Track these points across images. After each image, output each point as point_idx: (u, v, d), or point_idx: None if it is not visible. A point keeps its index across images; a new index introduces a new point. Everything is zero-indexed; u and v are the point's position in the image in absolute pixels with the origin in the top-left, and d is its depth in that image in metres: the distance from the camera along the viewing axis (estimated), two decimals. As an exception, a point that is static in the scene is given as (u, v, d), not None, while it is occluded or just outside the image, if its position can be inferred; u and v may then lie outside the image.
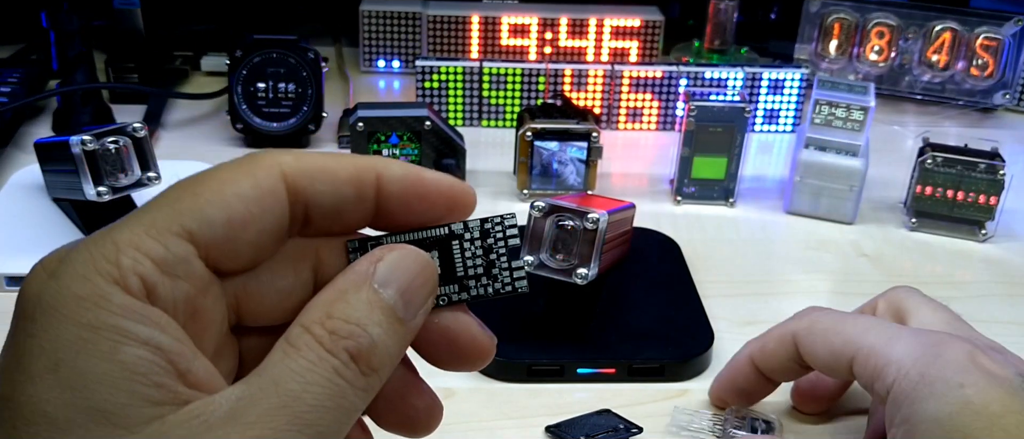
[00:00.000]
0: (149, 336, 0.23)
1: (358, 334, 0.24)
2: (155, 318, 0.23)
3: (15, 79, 0.89)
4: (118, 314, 0.23)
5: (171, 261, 0.24)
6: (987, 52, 0.94)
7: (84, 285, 0.23)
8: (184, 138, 0.87)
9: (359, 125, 0.75)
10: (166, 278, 0.24)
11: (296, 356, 0.24)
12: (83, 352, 0.22)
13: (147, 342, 0.23)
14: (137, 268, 0.23)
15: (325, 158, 0.27)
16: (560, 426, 0.51)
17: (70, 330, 0.22)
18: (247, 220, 0.25)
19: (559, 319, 0.57)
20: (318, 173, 0.27)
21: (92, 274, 0.23)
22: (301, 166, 0.26)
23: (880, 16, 0.95)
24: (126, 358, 0.22)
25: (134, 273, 0.23)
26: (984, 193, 0.72)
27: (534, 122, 0.74)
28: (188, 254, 0.24)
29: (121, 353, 0.22)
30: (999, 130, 0.96)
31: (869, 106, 0.73)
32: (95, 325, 0.22)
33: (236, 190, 0.25)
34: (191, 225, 0.24)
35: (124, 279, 0.23)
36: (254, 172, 0.26)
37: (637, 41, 1.00)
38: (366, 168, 0.27)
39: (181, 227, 0.24)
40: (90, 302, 0.23)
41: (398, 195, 0.28)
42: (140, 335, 0.23)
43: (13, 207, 0.68)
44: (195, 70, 1.02)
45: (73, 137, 0.58)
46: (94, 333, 0.22)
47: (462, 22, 0.99)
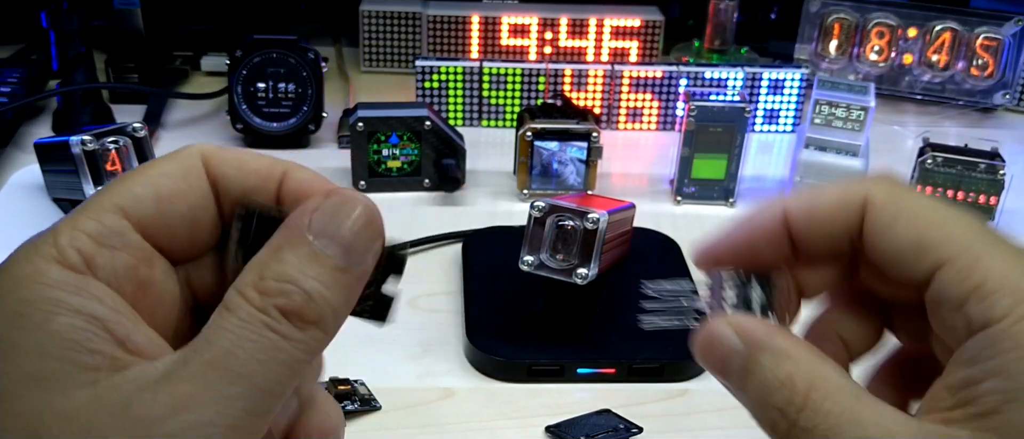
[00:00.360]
0: (82, 305, 0.24)
1: (289, 291, 0.24)
2: (91, 289, 0.24)
3: (15, 79, 0.89)
4: (53, 286, 0.24)
5: (105, 233, 0.25)
6: (987, 52, 0.94)
7: (25, 266, 0.24)
8: (184, 138, 0.87)
9: (359, 125, 0.75)
10: (103, 249, 0.25)
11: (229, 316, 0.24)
12: (17, 326, 0.23)
13: (80, 311, 0.24)
14: (74, 243, 0.25)
15: (243, 151, 0.29)
16: (560, 426, 0.51)
17: (7, 307, 0.24)
18: (174, 195, 0.27)
19: (559, 319, 0.57)
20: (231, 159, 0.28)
21: (33, 255, 0.24)
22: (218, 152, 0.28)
23: (880, 16, 0.95)
24: (58, 327, 0.23)
25: (72, 247, 0.25)
26: (984, 193, 0.72)
27: (534, 122, 0.74)
28: (122, 227, 0.26)
29: (54, 323, 0.23)
30: (999, 130, 0.96)
31: (869, 106, 0.73)
32: (30, 299, 0.24)
33: (161, 170, 0.27)
34: (122, 202, 0.26)
35: (62, 255, 0.24)
36: (177, 155, 0.28)
37: (637, 41, 1.00)
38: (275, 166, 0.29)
39: (113, 205, 0.26)
40: (29, 279, 0.24)
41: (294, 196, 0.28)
42: (73, 304, 0.24)
43: (13, 207, 0.68)
44: (195, 70, 1.02)
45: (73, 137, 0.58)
46: (28, 306, 0.23)
47: (462, 22, 0.99)
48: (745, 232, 0.31)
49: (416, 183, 0.77)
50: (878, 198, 0.29)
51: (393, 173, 0.77)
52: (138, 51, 0.94)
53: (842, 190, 0.30)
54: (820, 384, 0.26)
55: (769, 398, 0.26)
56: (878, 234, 0.28)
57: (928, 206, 0.28)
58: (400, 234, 0.33)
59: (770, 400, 0.26)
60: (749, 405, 0.28)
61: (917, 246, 0.27)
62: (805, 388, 0.26)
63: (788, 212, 0.30)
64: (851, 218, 0.29)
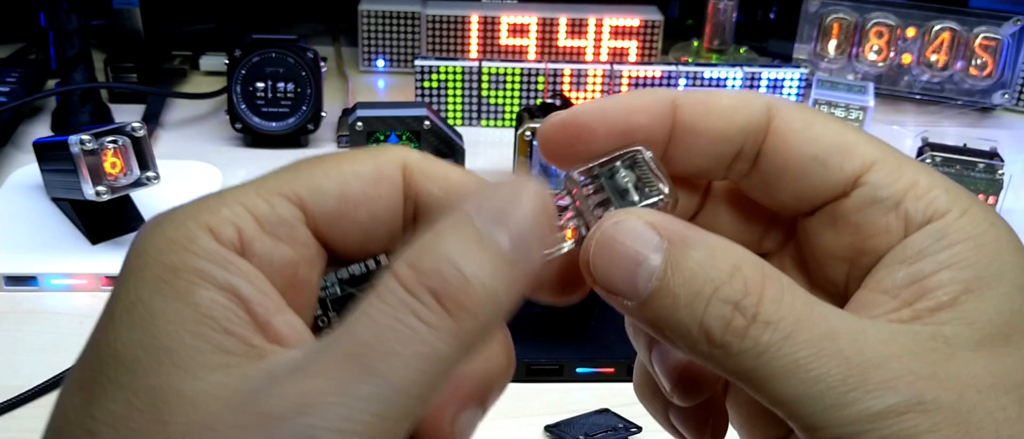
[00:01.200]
0: (227, 281, 0.22)
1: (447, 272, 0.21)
2: (240, 266, 0.22)
3: (14, 79, 0.89)
4: (201, 256, 0.22)
5: (273, 220, 0.23)
6: (986, 52, 0.94)
7: (178, 229, 0.22)
8: (183, 138, 0.87)
9: (358, 124, 0.75)
10: (266, 236, 0.23)
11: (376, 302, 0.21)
12: (158, 292, 0.22)
13: (226, 287, 0.22)
14: (236, 220, 0.23)
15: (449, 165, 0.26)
16: (559, 425, 0.51)
17: (152, 271, 0.22)
18: (360, 199, 0.24)
19: (558, 318, 0.57)
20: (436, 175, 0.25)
21: (188, 220, 0.23)
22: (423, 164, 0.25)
23: (879, 16, 0.96)
24: (199, 300, 0.21)
25: (231, 223, 0.23)
26: (983, 192, 0.72)
27: (533, 122, 0.74)
28: (293, 218, 0.24)
29: (195, 295, 0.21)
30: (998, 130, 0.96)
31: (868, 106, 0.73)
32: (176, 266, 0.22)
33: (355, 168, 0.24)
34: (302, 192, 0.24)
35: (218, 227, 0.22)
36: (376, 155, 0.25)
37: (636, 41, 1.00)
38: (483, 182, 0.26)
39: (292, 191, 0.24)
40: (178, 244, 0.22)
41: None
42: (219, 279, 0.22)
43: (12, 207, 0.68)
44: (194, 70, 1.02)
45: (72, 137, 0.58)
46: (173, 274, 0.22)
47: (461, 22, 0.99)
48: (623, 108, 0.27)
49: (415, 183, 0.77)
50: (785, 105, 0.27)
51: (392, 173, 0.77)
52: (137, 51, 0.94)
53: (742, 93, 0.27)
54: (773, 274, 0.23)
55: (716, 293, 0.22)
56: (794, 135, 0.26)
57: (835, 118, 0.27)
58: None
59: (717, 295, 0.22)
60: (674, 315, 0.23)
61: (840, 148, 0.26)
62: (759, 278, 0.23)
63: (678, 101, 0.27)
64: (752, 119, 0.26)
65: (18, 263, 0.62)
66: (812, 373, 0.22)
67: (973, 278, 0.23)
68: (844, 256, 0.26)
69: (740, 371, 0.23)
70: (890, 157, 0.26)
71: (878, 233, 0.25)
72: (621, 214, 0.24)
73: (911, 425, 0.22)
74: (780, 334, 0.22)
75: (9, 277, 0.62)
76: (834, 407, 0.22)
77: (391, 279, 0.21)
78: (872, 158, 0.25)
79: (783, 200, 0.26)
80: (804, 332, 0.22)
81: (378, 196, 0.25)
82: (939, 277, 0.24)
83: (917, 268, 0.24)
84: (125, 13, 0.92)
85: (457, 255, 0.21)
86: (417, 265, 0.21)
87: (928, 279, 0.24)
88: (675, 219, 0.24)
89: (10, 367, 0.55)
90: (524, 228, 0.22)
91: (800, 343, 0.22)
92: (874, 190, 0.25)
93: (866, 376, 0.22)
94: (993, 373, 0.23)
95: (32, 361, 0.56)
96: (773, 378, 0.22)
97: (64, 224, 0.66)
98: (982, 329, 0.23)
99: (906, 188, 0.25)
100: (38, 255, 0.63)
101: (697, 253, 0.23)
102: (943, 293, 0.23)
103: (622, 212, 0.25)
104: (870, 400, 0.22)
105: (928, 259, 0.24)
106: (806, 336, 0.22)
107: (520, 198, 0.22)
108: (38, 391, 0.53)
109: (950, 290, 0.23)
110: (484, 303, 0.21)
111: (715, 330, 0.22)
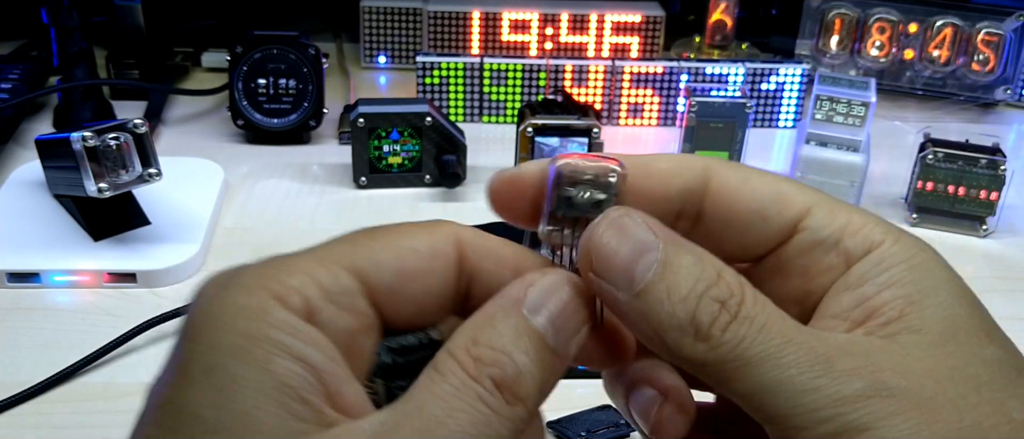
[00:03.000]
0: (303, 352, 0.23)
1: (503, 362, 0.24)
2: (312, 336, 0.23)
3: (16, 75, 0.89)
4: (276, 327, 0.23)
5: (337, 291, 0.25)
6: (988, 47, 0.93)
7: (249, 297, 0.23)
8: (185, 134, 0.87)
9: (360, 121, 0.75)
10: (330, 305, 0.24)
11: (441, 382, 0.23)
12: (237, 358, 0.23)
13: (300, 357, 0.23)
14: (303, 289, 0.24)
15: (500, 242, 0.28)
16: (561, 422, 0.51)
17: (228, 337, 0.23)
18: (416, 273, 0.26)
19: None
20: (488, 252, 0.27)
21: (257, 288, 0.24)
22: (476, 241, 0.27)
23: (881, 11, 0.95)
24: (278, 369, 0.22)
25: (299, 293, 0.24)
26: (985, 188, 0.72)
27: (535, 118, 0.74)
28: (354, 289, 0.25)
29: (274, 363, 0.23)
30: (1000, 125, 0.96)
31: (870, 102, 0.73)
32: (253, 334, 0.23)
33: (411, 244, 0.26)
34: (362, 264, 0.25)
35: (286, 296, 0.24)
36: (431, 231, 0.27)
37: (638, 37, 1.00)
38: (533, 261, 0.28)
39: (352, 264, 0.25)
40: (251, 312, 0.23)
41: None
42: (294, 349, 0.23)
43: (14, 204, 0.68)
44: (196, 66, 1.02)
45: (74, 133, 0.58)
46: (250, 342, 0.23)
47: (463, 18, 0.99)
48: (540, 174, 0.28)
49: (417, 179, 0.77)
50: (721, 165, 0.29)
51: (394, 169, 0.77)
52: (139, 47, 0.94)
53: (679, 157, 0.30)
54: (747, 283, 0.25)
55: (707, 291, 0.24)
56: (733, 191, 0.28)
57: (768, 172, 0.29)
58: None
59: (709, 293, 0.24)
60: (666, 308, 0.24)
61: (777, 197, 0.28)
62: (738, 283, 0.25)
63: None
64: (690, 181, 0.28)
65: (20, 260, 0.62)
66: (783, 360, 0.24)
67: (913, 292, 0.26)
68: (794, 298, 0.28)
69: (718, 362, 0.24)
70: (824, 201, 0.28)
71: (822, 272, 0.27)
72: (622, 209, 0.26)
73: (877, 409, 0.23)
74: (756, 327, 0.24)
75: (11, 274, 0.62)
76: (803, 392, 0.23)
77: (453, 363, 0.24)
78: (807, 204, 0.28)
79: (730, 251, 0.28)
80: (776, 327, 0.24)
81: (432, 271, 0.26)
82: (882, 296, 0.26)
83: (861, 292, 0.26)
84: (127, 10, 0.92)
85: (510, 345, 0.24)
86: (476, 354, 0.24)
87: (873, 300, 0.26)
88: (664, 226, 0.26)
89: (12, 364, 0.55)
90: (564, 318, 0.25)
91: (773, 334, 0.24)
92: (813, 234, 0.28)
93: (832, 364, 0.24)
94: (947, 366, 0.24)
95: (34, 358, 0.56)
96: (748, 366, 0.24)
97: (66, 221, 0.66)
98: (929, 333, 0.25)
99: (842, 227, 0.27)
100: (40, 252, 0.63)
101: (689, 256, 0.25)
102: (889, 309, 0.26)
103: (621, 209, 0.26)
104: (837, 385, 0.23)
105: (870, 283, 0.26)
106: (778, 328, 0.24)
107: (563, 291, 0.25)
108: (40, 388, 0.53)
109: (895, 305, 0.26)
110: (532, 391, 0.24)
111: (704, 324, 0.24)
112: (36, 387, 0.53)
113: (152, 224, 0.66)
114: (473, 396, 0.23)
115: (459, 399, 0.23)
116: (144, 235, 0.65)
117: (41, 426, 0.52)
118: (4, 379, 0.54)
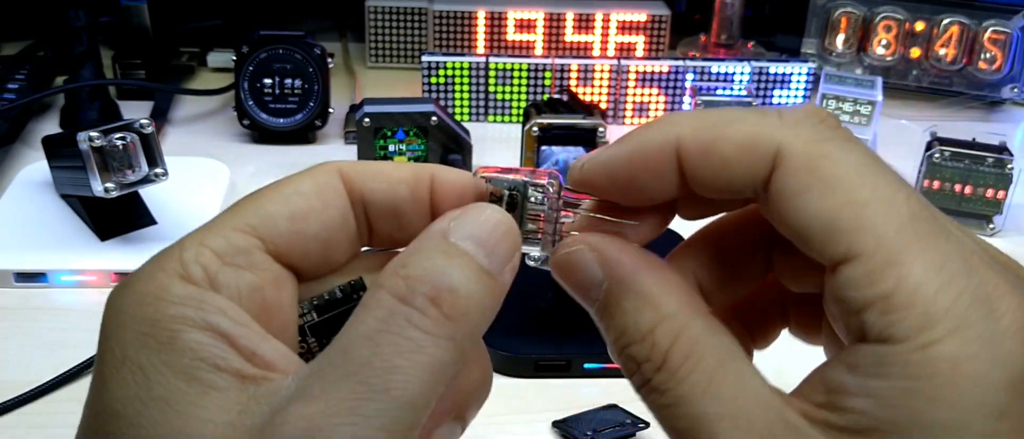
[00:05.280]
0: (208, 320, 0.23)
1: (436, 277, 0.23)
2: (215, 303, 0.23)
3: (22, 76, 0.89)
4: (177, 303, 0.23)
5: (231, 251, 0.24)
6: (995, 46, 0.93)
7: (149, 283, 0.23)
8: (191, 134, 0.88)
9: (365, 121, 0.75)
10: (228, 268, 0.24)
11: (366, 317, 0.22)
12: (143, 346, 0.22)
13: (206, 327, 0.22)
14: (198, 258, 0.24)
15: (381, 163, 0.27)
16: (567, 421, 0.51)
17: (131, 328, 0.23)
18: (308, 213, 0.25)
19: (566, 314, 0.57)
20: (373, 173, 0.27)
21: (156, 272, 0.23)
22: (358, 167, 0.27)
23: (887, 10, 0.95)
24: (184, 344, 0.22)
25: (196, 262, 0.23)
26: (992, 187, 0.72)
27: (541, 117, 0.74)
28: (249, 246, 0.25)
29: (179, 340, 0.22)
30: (1007, 124, 0.96)
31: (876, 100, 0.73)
32: (154, 318, 0.23)
33: (296, 188, 0.26)
34: (252, 220, 0.25)
35: (186, 270, 0.23)
36: (313, 172, 0.26)
37: (643, 36, 1.00)
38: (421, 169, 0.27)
39: (243, 223, 0.25)
40: (152, 296, 0.23)
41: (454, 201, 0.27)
42: (197, 320, 0.23)
43: (21, 203, 0.68)
44: (202, 66, 1.02)
45: (81, 133, 0.58)
46: (153, 326, 0.22)
47: (468, 17, 0.99)
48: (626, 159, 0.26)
49: (422, 178, 0.77)
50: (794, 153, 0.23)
51: (399, 169, 0.77)
52: (145, 47, 0.94)
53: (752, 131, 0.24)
54: (684, 344, 0.23)
55: (627, 348, 0.24)
56: (785, 201, 0.23)
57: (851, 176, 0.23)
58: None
59: (628, 350, 0.24)
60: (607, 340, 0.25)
61: (826, 228, 0.22)
62: (666, 346, 0.24)
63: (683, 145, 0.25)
64: (757, 169, 0.24)
65: (28, 260, 0.62)
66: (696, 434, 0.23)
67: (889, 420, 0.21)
68: None
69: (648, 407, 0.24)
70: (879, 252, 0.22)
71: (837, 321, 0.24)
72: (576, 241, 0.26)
73: None
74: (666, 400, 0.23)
75: (19, 273, 0.62)
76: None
77: (380, 292, 0.23)
78: (856, 250, 0.22)
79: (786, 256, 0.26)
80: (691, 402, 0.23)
81: (324, 206, 0.26)
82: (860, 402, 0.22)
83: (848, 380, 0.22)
84: (133, 10, 0.93)
85: (442, 267, 0.23)
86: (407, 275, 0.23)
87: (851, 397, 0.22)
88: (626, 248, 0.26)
89: (20, 363, 0.56)
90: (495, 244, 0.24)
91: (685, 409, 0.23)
92: (843, 287, 0.22)
93: None
94: None
95: (42, 357, 0.56)
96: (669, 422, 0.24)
97: (73, 221, 0.66)
98: None
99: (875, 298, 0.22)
100: (47, 252, 0.63)
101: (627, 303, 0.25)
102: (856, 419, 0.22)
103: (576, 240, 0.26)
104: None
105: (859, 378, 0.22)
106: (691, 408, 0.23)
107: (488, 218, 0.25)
108: (48, 387, 0.53)
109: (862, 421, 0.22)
110: (472, 310, 0.23)
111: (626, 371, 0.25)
112: (43, 386, 0.53)
113: (158, 224, 0.66)
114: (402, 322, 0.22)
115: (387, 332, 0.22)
116: (151, 235, 0.65)
117: (48, 425, 0.52)
118: (12, 378, 0.54)
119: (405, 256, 0.24)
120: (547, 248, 0.28)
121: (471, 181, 0.27)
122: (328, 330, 0.26)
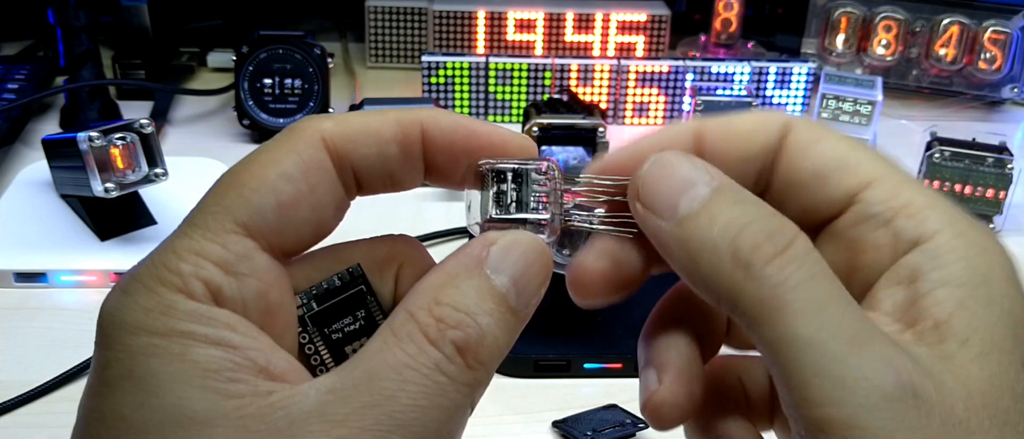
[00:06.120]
0: (219, 336, 0.22)
1: (467, 324, 0.23)
2: (224, 319, 0.23)
3: (22, 76, 0.89)
4: (185, 319, 0.22)
5: (232, 260, 0.24)
6: (995, 46, 0.93)
7: (150, 297, 0.23)
8: (191, 134, 0.88)
9: (365, 121, 0.75)
10: (231, 278, 0.23)
11: (396, 348, 0.23)
12: (154, 356, 0.22)
13: (218, 342, 0.22)
14: (199, 273, 0.23)
15: (366, 117, 0.26)
16: (566, 421, 0.51)
17: (141, 339, 0.22)
18: (297, 199, 0.25)
19: (565, 314, 0.57)
20: (360, 135, 0.26)
21: (156, 286, 0.23)
22: (342, 130, 0.25)
23: (887, 10, 0.95)
24: (198, 358, 0.22)
25: (197, 278, 0.23)
26: (992, 187, 0.72)
27: (540, 117, 0.74)
28: (249, 250, 0.24)
29: (192, 354, 0.22)
30: (1007, 124, 0.96)
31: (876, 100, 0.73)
32: (164, 331, 0.22)
33: (280, 171, 0.24)
34: (243, 218, 0.24)
35: (187, 286, 0.23)
36: (295, 147, 0.25)
37: (643, 36, 1.00)
38: (410, 122, 0.26)
39: (235, 223, 0.24)
40: (157, 311, 0.22)
41: (447, 150, 0.26)
42: (210, 337, 0.22)
43: (21, 204, 0.68)
44: (202, 66, 1.02)
45: (81, 133, 0.58)
46: (164, 338, 0.22)
47: (468, 17, 0.99)
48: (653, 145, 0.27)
49: (422, 178, 0.77)
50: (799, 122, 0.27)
51: (399, 169, 0.77)
52: (145, 48, 0.94)
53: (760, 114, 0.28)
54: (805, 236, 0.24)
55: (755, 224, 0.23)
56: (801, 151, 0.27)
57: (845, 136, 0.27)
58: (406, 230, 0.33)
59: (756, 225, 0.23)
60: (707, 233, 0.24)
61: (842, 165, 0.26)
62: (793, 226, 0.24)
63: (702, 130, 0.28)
64: (770, 138, 0.27)
65: (27, 260, 0.62)
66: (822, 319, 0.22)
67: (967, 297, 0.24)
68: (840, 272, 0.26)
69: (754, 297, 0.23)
70: (891, 176, 0.26)
71: (867, 249, 0.25)
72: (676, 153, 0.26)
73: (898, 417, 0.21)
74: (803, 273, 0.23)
75: (19, 273, 0.62)
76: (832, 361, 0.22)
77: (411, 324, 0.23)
78: (871, 176, 0.26)
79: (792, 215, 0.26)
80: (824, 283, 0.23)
81: (312, 188, 0.25)
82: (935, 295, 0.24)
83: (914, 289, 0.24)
84: (133, 10, 0.93)
85: (474, 306, 0.23)
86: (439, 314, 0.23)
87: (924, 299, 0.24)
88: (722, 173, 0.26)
89: (19, 363, 0.56)
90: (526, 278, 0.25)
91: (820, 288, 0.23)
92: (867, 207, 0.26)
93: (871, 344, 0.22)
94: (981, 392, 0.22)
95: (41, 357, 0.56)
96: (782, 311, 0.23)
97: (73, 221, 0.66)
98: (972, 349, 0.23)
99: (899, 207, 0.25)
100: (47, 252, 0.63)
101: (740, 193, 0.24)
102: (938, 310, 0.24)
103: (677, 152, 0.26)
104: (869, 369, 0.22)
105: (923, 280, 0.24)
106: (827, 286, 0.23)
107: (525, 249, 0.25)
108: (47, 387, 0.53)
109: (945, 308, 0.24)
110: (494, 355, 0.24)
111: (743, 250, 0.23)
112: (43, 387, 0.53)
113: (158, 224, 0.66)
114: (430, 365, 0.23)
115: (414, 369, 0.22)
116: (150, 235, 0.65)
117: (48, 426, 0.52)
118: (11, 378, 0.54)
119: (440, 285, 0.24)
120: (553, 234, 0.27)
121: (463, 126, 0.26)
122: (328, 319, 0.26)
